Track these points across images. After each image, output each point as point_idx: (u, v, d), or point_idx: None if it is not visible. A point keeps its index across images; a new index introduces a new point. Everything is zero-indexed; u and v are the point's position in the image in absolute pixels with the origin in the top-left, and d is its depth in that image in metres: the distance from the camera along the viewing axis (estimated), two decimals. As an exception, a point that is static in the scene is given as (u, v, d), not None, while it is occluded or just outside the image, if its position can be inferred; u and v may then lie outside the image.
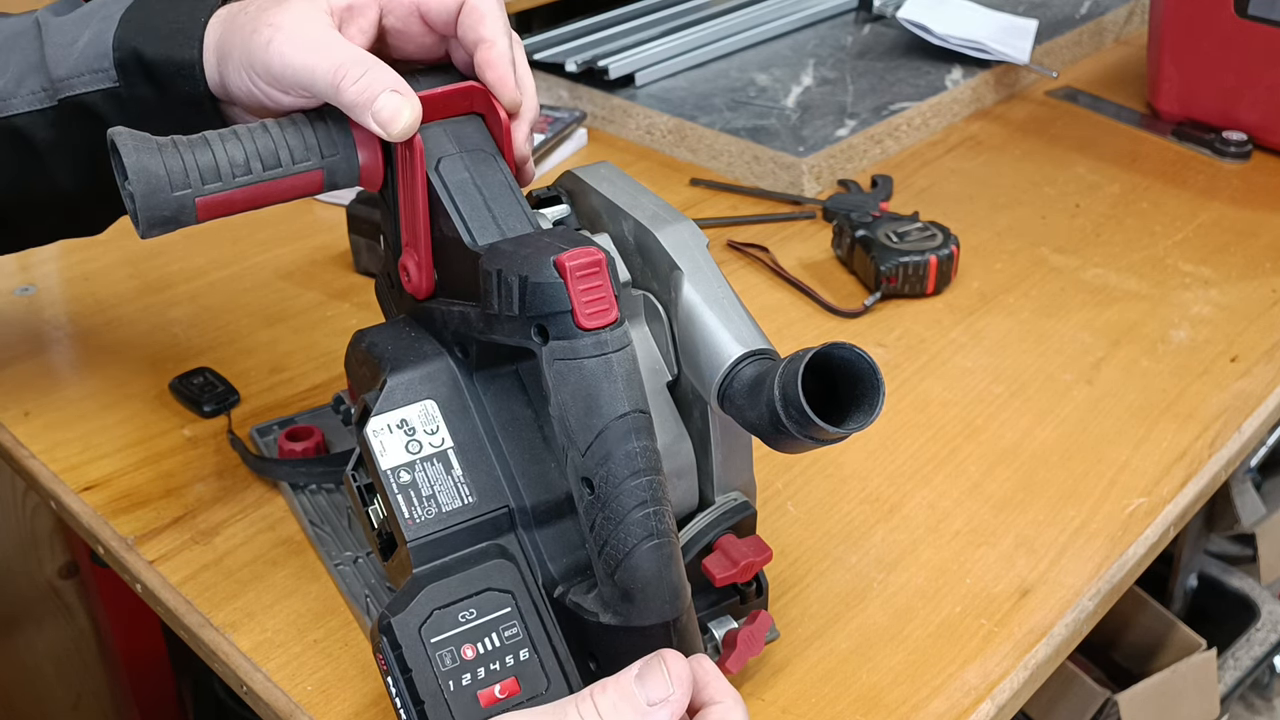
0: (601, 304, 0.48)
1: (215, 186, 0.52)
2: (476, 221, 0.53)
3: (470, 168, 0.55)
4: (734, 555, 0.55)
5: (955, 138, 1.15)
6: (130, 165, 0.50)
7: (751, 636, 0.56)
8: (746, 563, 0.55)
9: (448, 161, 0.55)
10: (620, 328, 0.48)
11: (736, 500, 0.58)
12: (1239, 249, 0.96)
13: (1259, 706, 1.51)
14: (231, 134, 0.53)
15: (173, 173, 0.51)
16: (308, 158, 0.53)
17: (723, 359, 0.53)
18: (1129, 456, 0.74)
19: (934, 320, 0.87)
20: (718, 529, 0.57)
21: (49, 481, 0.73)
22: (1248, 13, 1.06)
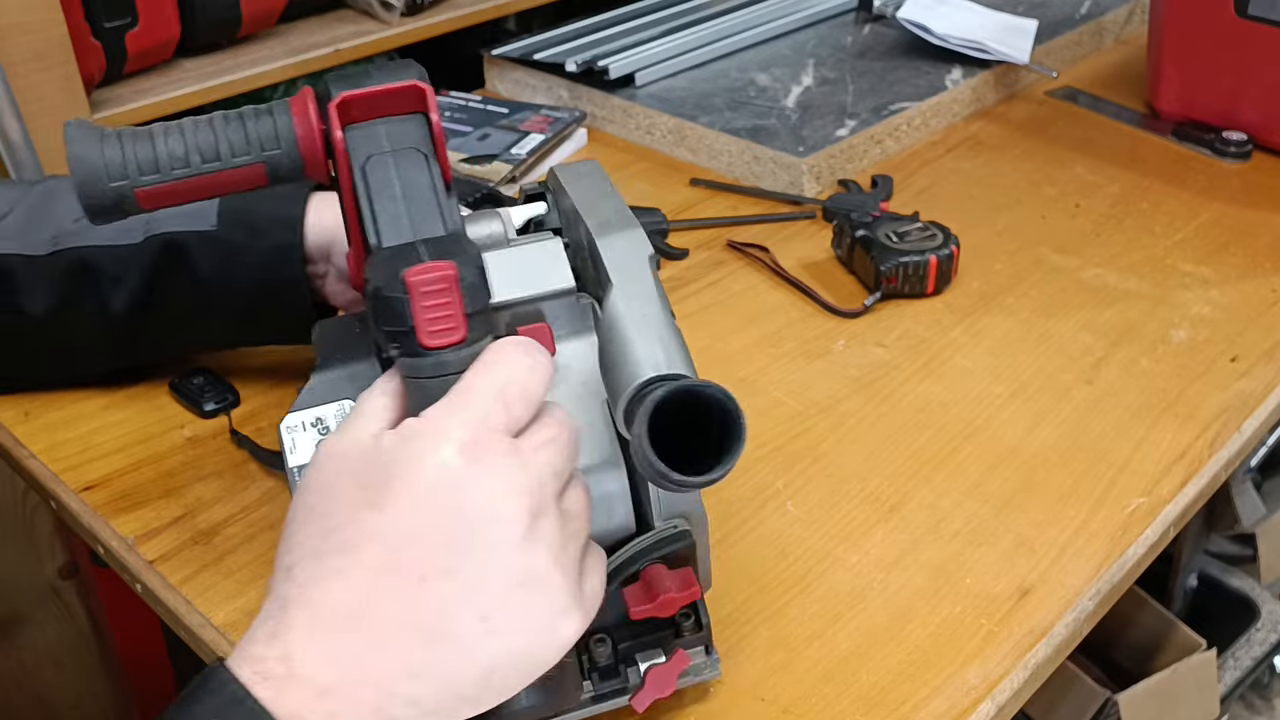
0: (446, 323, 0.46)
1: (153, 179, 0.53)
2: (389, 222, 0.52)
3: (397, 167, 0.53)
4: (654, 589, 0.53)
5: (955, 138, 1.15)
6: (70, 155, 0.52)
7: (660, 677, 0.54)
8: (665, 598, 0.53)
9: (376, 160, 0.53)
10: (467, 349, 0.46)
11: (674, 529, 0.54)
12: (1239, 249, 0.96)
13: (1259, 706, 1.51)
14: (176, 128, 0.54)
15: (110, 164, 0.53)
16: (248, 152, 0.54)
17: (628, 381, 0.48)
18: (1129, 456, 0.74)
19: (934, 320, 0.87)
20: (646, 558, 0.53)
21: (49, 481, 0.73)
22: (1248, 13, 1.06)
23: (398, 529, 0.42)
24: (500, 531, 0.42)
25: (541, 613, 0.43)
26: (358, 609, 0.42)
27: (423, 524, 0.42)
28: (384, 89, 0.53)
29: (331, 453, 0.45)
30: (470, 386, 0.44)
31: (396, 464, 0.43)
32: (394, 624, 0.42)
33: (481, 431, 0.43)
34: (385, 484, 0.42)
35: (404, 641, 0.42)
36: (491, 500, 0.42)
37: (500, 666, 0.43)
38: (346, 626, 0.42)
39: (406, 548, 0.42)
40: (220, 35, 1.14)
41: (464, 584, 0.42)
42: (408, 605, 0.42)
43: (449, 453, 0.42)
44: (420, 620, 0.42)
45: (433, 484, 0.42)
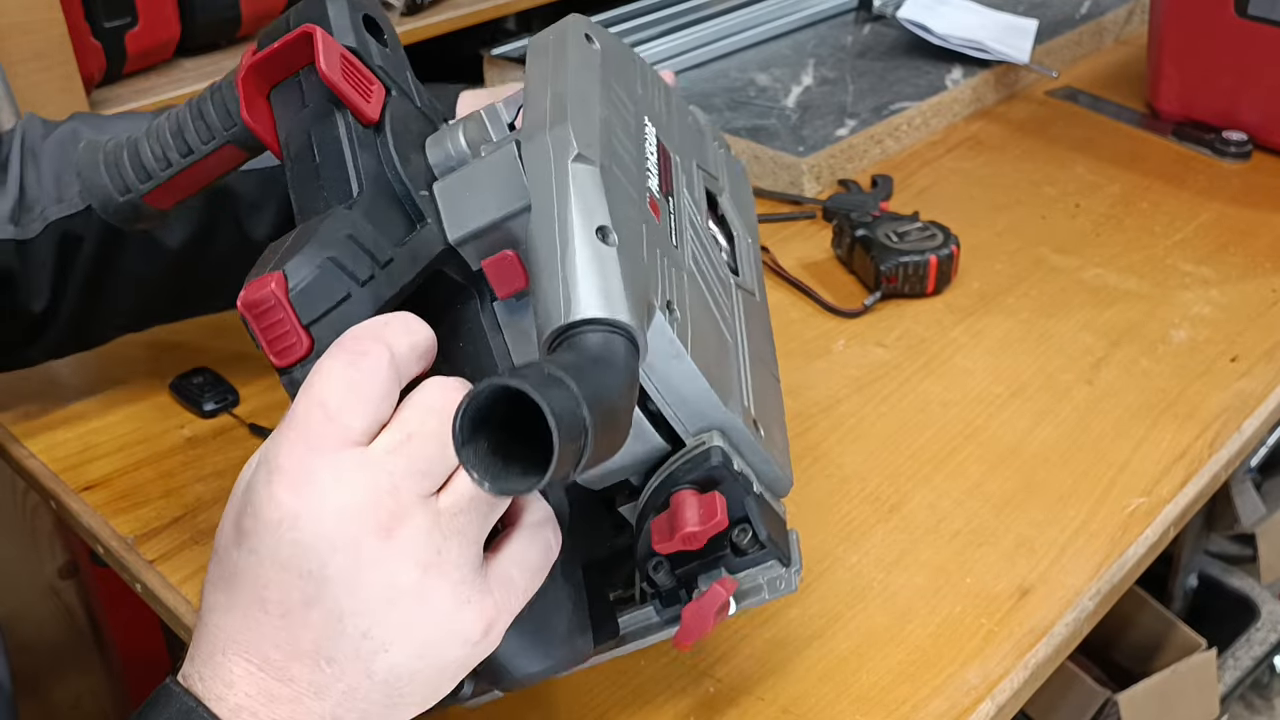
0: (283, 342, 0.43)
1: (150, 184, 0.57)
2: (307, 196, 0.49)
3: (312, 128, 0.50)
4: (676, 522, 0.47)
5: (955, 138, 1.15)
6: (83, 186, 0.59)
7: (698, 613, 0.48)
8: (685, 533, 0.47)
9: (295, 127, 0.51)
10: (310, 365, 0.43)
11: (697, 448, 0.48)
12: (1239, 249, 0.96)
13: (1259, 706, 1.51)
14: (154, 130, 0.57)
15: (114, 182, 0.58)
16: (212, 137, 0.55)
17: (546, 326, 0.41)
18: (1129, 456, 0.74)
19: (934, 320, 0.87)
20: (672, 485, 0.48)
21: (49, 481, 0.73)
22: (1248, 13, 1.06)
23: (256, 566, 0.41)
24: (346, 557, 0.40)
25: (429, 616, 0.42)
26: (246, 639, 0.42)
27: (271, 562, 0.41)
28: (277, 47, 0.51)
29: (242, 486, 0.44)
30: (293, 408, 0.42)
31: (249, 501, 0.42)
32: (282, 652, 0.41)
33: (305, 456, 0.41)
34: (246, 519, 0.42)
35: (295, 668, 0.41)
36: (325, 527, 0.40)
37: (403, 675, 0.42)
38: (238, 652, 0.42)
39: (266, 585, 0.41)
40: (220, 35, 1.14)
41: (330, 611, 0.41)
42: (285, 636, 0.41)
43: (276, 486, 0.41)
44: (302, 649, 0.41)
45: (270, 520, 0.41)
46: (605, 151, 0.46)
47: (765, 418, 0.52)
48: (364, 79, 0.50)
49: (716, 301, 0.52)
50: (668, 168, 0.53)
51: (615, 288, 0.41)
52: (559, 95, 0.47)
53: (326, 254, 0.44)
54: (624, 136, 0.50)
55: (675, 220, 0.51)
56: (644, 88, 0.56)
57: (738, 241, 0.60)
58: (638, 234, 0.45)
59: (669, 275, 0.47)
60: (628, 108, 0.52)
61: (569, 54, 0.49)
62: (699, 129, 0.62)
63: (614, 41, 0.55)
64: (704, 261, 0.53)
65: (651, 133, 0.53)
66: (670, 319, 0.45)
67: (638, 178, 0.49)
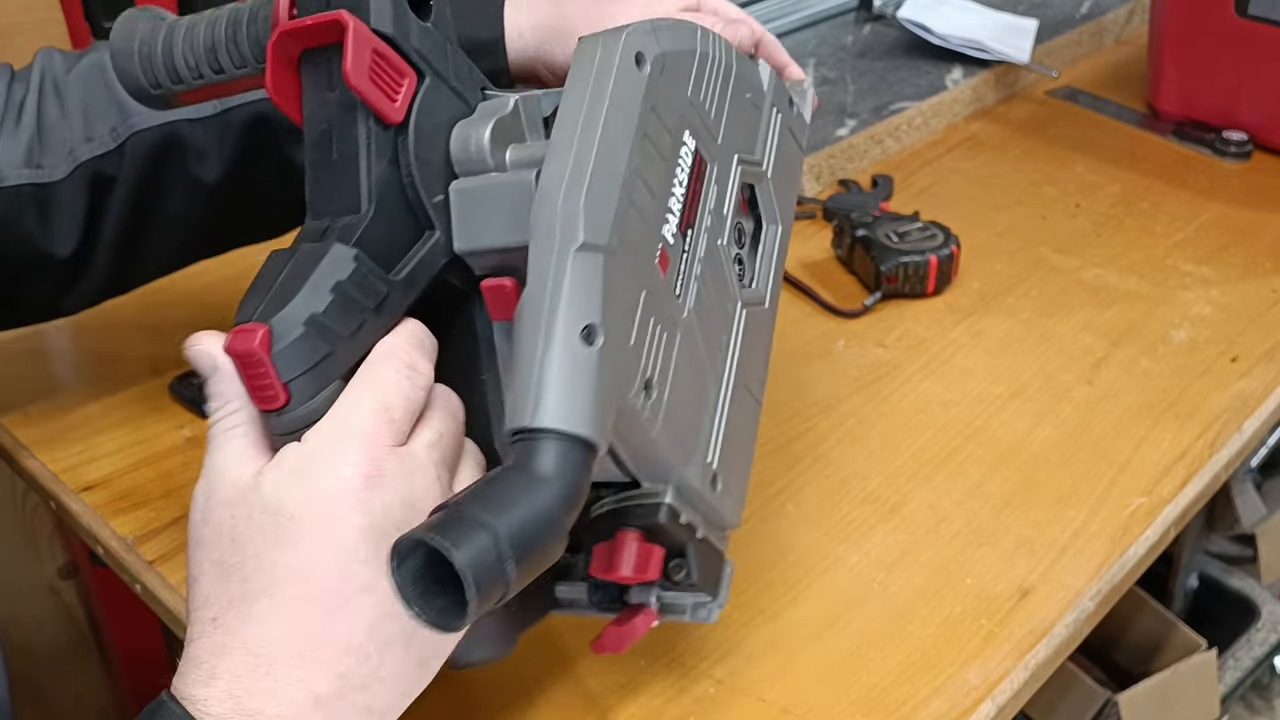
0: (266, 390, 0.45)
1: (182, 87, 0.56)
2: (319, 191, 0.49)
3: (334, 120, 0.49)
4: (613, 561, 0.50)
5: (955, 138, 1.15)
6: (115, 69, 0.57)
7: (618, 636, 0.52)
8: (616, 576, 0.50)
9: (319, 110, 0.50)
10: (289, 413, 0.45)
11: (650, 499, 0.50)
12: (1239, 249, 0.96)
13: (1259, 706, 1.51)
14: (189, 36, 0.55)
15: (146, 76, 0.56)
16: (244, 64, 0.55)
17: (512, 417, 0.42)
18: (1129, 456, 0.74)
19: (934, 320, 0.87)
20: (615, 522, 0.50)
21: (49, 481, 0.73)
22: (1248, 13, 1.06)
23: (313, 560, 0.43)
24: None
25: None
26: (294, 641, 0.43)
27: (334, 554, 0.43)
28: (309, 24, 0.49)
29: (219, 504, 0.45)
30: (351, 409, 0.45)
31: (292, 500, 0.43)
32: (332, 647, 0.43)
33: (373, 450, 0.44)
34: (289, 521, 0.43)
35: (346, 661, 0.43)
36: (390, 511, 0.44)
37: (434, 650, 0.46)
38: (287, 659, 0.42)
39: (324, 576, 0.43)
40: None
41: (385, 593, 0.43)
42: (340, 628, 0.43)
43: (346, 474, 0.43)
44: (354, 639, 0.43)
45: (333, 511, 0.43)
46: (619, 223, 0.46)
47: (729, 460, 0.54)
48: (394, 76, 0.49)
49: (711, 342, 0.53)
50: (697, 191, 0.53)
51: (584, 399, 0.42)
52: (583, 155, 0.46)
53: (313, 311, 0.45)
54: (649, 184, 0.49)
55: (686, 260, 0.51)
56: (697, 87, 0.53)
57: (765, 234, 0.60)
58: (630, 316, 0.46)
59: (658, 344, 0.48)
60: (665, 136, 0.50)
61: (611, 87, 0.47)
62: (755, 103, 0.59)
63: (673, 39, 0.52)
64: (709, 295, 0.53)
65: (688, 152, 0.52)
66: (645, 402, 0.47)
67: (652, 231, 0.49)
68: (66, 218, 0.65)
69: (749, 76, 0.58)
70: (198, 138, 0.67)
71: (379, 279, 0.47)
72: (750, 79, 0.58)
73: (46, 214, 0.65)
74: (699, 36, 0.54)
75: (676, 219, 0.50)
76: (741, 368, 0.55)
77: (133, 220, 0.68)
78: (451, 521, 0.38)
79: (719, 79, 0.55)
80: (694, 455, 0.51)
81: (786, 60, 0.70)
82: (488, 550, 0.38)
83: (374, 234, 0.48)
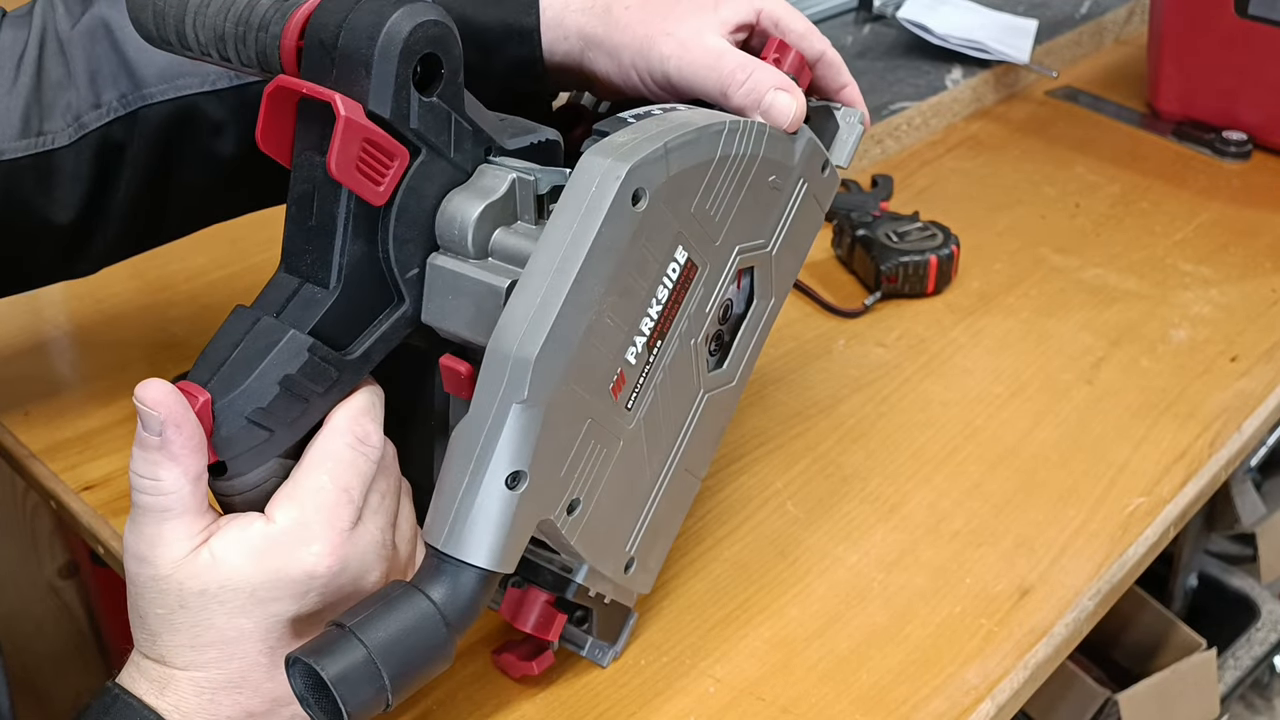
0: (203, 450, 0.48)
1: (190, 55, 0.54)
2: (293, 246, 0.50)
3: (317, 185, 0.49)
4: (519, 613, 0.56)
5: (955, 138, 1.15)
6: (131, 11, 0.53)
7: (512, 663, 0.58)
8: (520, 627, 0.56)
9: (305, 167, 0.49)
10: (232, 478, 0.49)
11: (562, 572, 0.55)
12: (1239, 249, 0.96)
13: (1259, 706, 1.51)
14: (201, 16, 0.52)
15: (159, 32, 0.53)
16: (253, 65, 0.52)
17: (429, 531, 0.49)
18: (1129, 456, 0.74)
19: (934, 320, 0.87)
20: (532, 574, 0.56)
21: (49, 481, 0.73)
22: (1248, 13, 1.06)
23: (268, 628, 0.48)
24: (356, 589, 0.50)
25: None
26: (239, 681, 0.49)
27: (290, 619, 0.49)
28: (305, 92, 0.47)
29: (166, 575, 0.48)
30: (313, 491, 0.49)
31: (255, 576, 0.48)
32: (276, 691, 0.49)
33: (335, 537, 0.49)
34: (251, 593, 0.48)
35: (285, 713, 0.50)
36: (344, 589, 0.49)
37: None
38: (229, 690, 0.49)
39: (276, 639, 0.49)
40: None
41: None
42: (284, 679, 0.48)
43: (310, 563, 0.48)
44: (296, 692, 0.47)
45: (298, 590, 0.48)
46: (571, 371, 0.47)
47: (650, 543, 0.57)
48: (382, 160, 0.48)
49: (657, 441, 0.55)
50: (679, 300, 0.52)
51: (495, 536, 0.47)
52: (549, 303, 0.46)
53: (256, 405, 0.48)
54: (620, 318, 0.49)
55: (648, 372, 0.52)
56: (705, 197, 0.51)
57: (752, 311, 0.59)
58: (564, 453, 0.49)
59: (593, 463, 0.51)
60: (652, 262, 0.50)
61: (598, 231, 0.46)
62: (777, 185, 0.56)
63: (689, 155, 0.50)
64: (667, 397, 0.54)
65: (677, 266, 0.51)
66: (567, 519, 0.51)
67: (612, 361, 0.50)
68: (70, 185, 0.63)
69: (777, 157, 0.56)
70: (214, 111, 0.64)
71: (332, 364, 0.49)
72: (778, 158, 0.56)
73: (48, 182, 0.62)
74: (723, 139, 0.52)
75: (646, 336, 0.51)
76: (689, 453, 0.57)
77: (144, 189, 0.65)
78: (329, 642, 0.45)
79: (735, 177, 0.53)
80: (613, 552, 0.55)
81: (847, 81, 0.67)
82: (358, 666, 0.44)
83: (336, 315, 0.49)
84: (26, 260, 0.66)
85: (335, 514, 0.49)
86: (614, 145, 0.48)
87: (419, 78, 0.48)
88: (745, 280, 0.58)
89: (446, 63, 0.48)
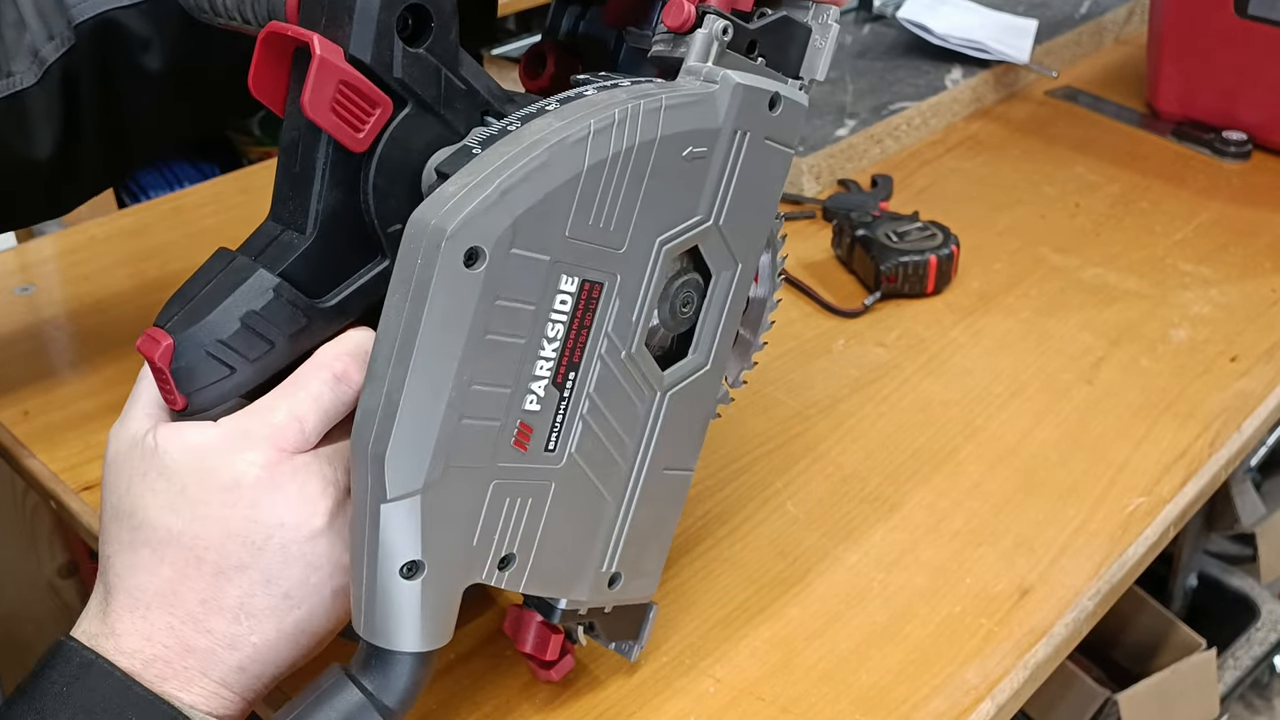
0: (168, 394, 0.48)
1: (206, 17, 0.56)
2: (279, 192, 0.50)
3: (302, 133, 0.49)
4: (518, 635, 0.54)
5: (955, 137, 1.15)
6: None
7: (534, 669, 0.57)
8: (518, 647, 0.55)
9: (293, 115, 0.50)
10: (190, 417, 0.48)
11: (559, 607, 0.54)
12: (1239, 249, 0.96)
13: (1259, 706, 1.51)
14: None
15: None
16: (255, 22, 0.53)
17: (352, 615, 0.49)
18: (1129, 456, 0.74)
19: (934, 320, 0.87)
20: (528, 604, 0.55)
21: (49, 481, 0.73)
22: (1248, 13, 1.06)
23: (195, 532, 0.47)
24: (290, 534, 0.47)
25: (339, 585, 0.49)
26: (169, 594, 0.47)
27: (219, 528, 0.47)
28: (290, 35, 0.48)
29: (119, 450, 0.49)
30: (266, 409, 0.48)
31: (188, 473, 0.47)
32: (204, 606, 0.47)
33: (276, 457, 0.47)
34: (181, 491, 0.47)
35: (214, 620, 0.47)
36: (278, 511, 0.47)
37: (309, 628, 0.49)
38: (162, 608, 0.47)
39: (207, 547, 0.47)
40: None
41: (262, 573, 0.47)
42: (213, 592, 0.47)
43: (244, 470, 0.47)
44: (225, 603, 0.47)
45: (229, 495, 0.47)
46: (440, 453, 0.45)
47: (635, 553, 0.54)
48: (362, 106, 0.48)
49: (605, 463, 0.51)
50: (585, 323, 0.48)
51: (415, 621, 0.46)
52: (392, 397, 0.44)
53: (217, 337, 0.47)
54: (495, 378, 0.46)
55: (565, 408, 0.49)
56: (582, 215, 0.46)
57: (713, 286, 0.54)
58: (468, 526, 0.47)
59: (518, 517, 0.49)
60: (523, 309, 0.46)
61: (427, 309, 0.43)
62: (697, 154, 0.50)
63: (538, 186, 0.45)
64: (604, 418, 0.50)
65: (567, 295, 0.47)
66: (503, 577, 0.49)
67: (502, 421, 0.47)
68: (44, 123, 0.64)
69: (688, 126, 0.49)
70: (137, 26, 0.65)
71: (300, 309, 0.49)
72: (691, 127, 0.49)
73: (24, 122, 0.63)
74: (589, 146, 0.46)
75: (547, 379, 0.47)
76: (662, 453, 0.53)
77: (103, 116, 0.66)
78: None
79: (625, 176, 0.47)
80: (581, 580, 0.53)
81: None
82: None
83: (309, 261, 0.49)
84: (11, 197, 0.67)
85: (280, 433, 0.47)
86: (442, 199, 0.43)
87: (409, 30, 0.48)
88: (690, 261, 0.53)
89: (437, 16, 0.48)
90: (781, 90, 0.53)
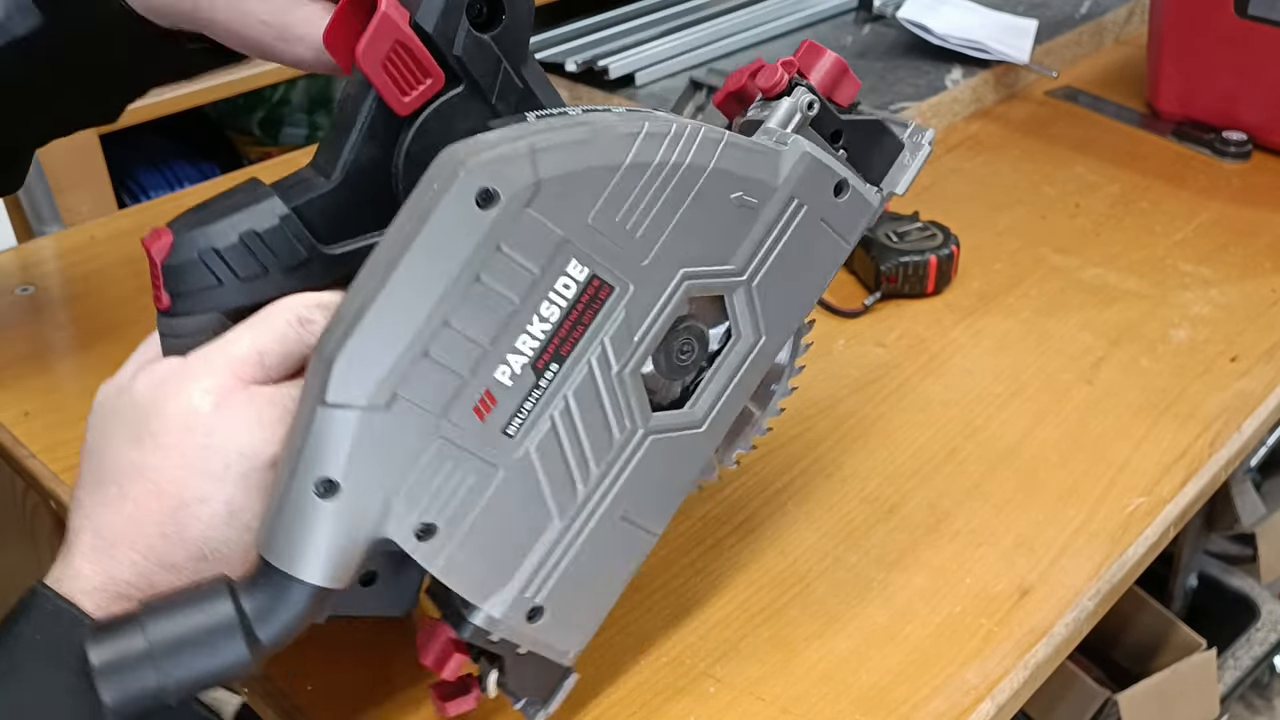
0: (156, 290, 0.49)
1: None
2: (325, 141, 0.52)
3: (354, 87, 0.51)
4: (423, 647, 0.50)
5: (955, 138, 1.15)
6: None
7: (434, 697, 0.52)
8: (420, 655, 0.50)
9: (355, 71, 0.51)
10: (173, 318, 0.50)
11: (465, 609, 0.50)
12: (1239, 249, 0.96)
13: (1259, 706, 1.51)
14: None
15: None
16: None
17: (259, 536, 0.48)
18: (1129, 456, 0.74)
19: (934, 320, 0.87)
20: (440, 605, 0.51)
21: (49, 481, 0.73)
22: (1248, 13, 1.06)
23: (155, 463, 0.47)
24: (248, 464, 0.47)
25: None
26: (132, 529, 0.47)
27: (178, 460, 0.47)
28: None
29: (101, 399, 0.51)
30: (236, 342, 0.48)
31: (149, 405, 0.48)
32: (166, 540, 0.47)
33: (232, 386, 0.47)
34: (143, 423, 0.48)
35: (178, 555, 0.47)
36: (237, 440, 0.47)
37: None
38: (125, 544, 0.47)
39: (165, 480, 0.47)
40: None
41: (222, 507, 0.47)
42: (174, 526, 0.47)
43: (200, 400, 0.47)
44: (188, 536, 0.47)
45: (188, 425, 0.47)
46: (395, 380, 0.44)
47: (567, 596, 0.51)
48: (414, 71, 0.49)
49: (561, 478, 0.49)
50: (585, 321, 0.48)
51: (315, 548, 0.44)
52: (363, 307, 0.44)
53: (214, 245, 0.48)
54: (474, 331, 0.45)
55: (538, 397, 0.47)
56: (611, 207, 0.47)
57: (729, 348, 0.53)
58: (399, 469, 0.45)
59: (453, 489, 0.47)
60: (524, 273, 0.45)
61: (427, 229, 0.43)
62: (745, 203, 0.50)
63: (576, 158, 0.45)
64: (575, 428, 0.49)
65: (573, 282, 0.47)
66: (417, 546, 0.47)
67: (468, 379, 0.46)
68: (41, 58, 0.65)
69: (744, 171, 0.50)
70: None
71: (303, 244, 0.50)
72: (746, 173, 0.50)
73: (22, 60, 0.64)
74: (637, 144, 0.46)
75: (529, 358, 0.47)
76: (626, 499, 0.51)
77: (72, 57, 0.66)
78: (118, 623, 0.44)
79: (666, 188, 0.47)
80: (500, 593, 0.49)
81: None
82: (129, 659, 0.44)
83: (326, 205, 0.50)
84: None
85: (239, 363, 0.47)
86: (478, 142, 0.44)
87: (481, 16, 0.50)
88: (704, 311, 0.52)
89: (509, 10, 0.50)
90: (851, 179, 0.54)
